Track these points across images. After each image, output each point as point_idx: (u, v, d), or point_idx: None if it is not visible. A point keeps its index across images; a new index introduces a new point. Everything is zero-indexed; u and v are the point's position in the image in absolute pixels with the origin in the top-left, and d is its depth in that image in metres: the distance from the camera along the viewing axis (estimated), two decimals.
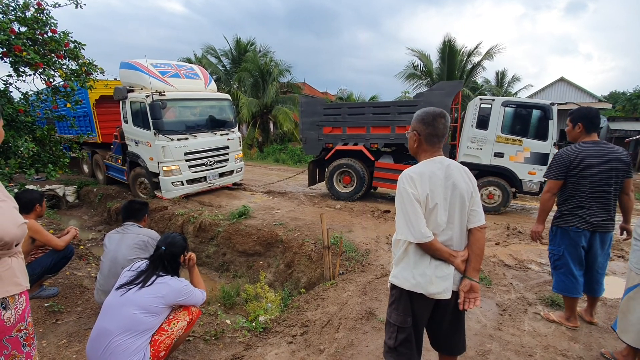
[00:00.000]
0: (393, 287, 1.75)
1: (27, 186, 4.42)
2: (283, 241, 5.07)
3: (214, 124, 7.62)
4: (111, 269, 2.76)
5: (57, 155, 4.45)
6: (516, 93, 18.70)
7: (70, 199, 8.92)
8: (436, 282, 1.61)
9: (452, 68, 15.25)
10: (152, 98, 6.37)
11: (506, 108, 6.37)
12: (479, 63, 15.59)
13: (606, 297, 3.21)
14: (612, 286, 3.37)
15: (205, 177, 7.41)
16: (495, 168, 6.49)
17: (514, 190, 6.58)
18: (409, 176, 1.62)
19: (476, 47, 15.25)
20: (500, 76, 18.38)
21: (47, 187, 8.50)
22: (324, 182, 8.00)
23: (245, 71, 17.57)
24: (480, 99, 6.71)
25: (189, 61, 18.44)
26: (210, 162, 7.42)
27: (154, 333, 2.07)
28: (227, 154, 7.78)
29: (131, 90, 6.98)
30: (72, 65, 4.22)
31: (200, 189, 7.46)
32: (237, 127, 8.18)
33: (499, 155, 6.42)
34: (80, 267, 4.19)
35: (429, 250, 1.61)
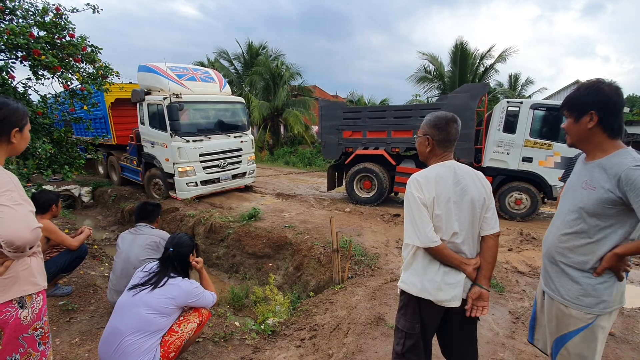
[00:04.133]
0: (402, 292, 1.73)
1: (43, 186, 4.54)
2: (292, 244, 5.07)
3: (228, 126, 7.76)
4: (124, 269, 2.81)
5: (74, 157, 4.56)
6: (530, 96, 18.37)
7: (85, 199, 9.12)
8: (445, 289, 1.58)
9: (464, 71, 15.08)
10: (170, 100, 6.51)
11: (535, 111, 6.17)
12: (491, 66, 15.39)
13: (623, 307, 3.11)
14: (631, 295, 3.26)
15: (218, 179, 7.52)
16: (523, 173, 6.30)
17: (542, 196, 6.38)
18: (416, 180, 1.61)
19: (489, 50, 15.08)
20: (514, 79, 18.10)
21: (63, 187, 8.71)
22: (344, 186, 7.93)
23: (257, 74, 17.73)
24: (508, 102, 6.51)
25: (202, 65, 18.72)
26: (224, 163, 7.54)
27: (165, 334, 2.10)
28: (240, 156, 7.90)
29: (148, 93, 7.15)
30: (89, 68, 4.33)
31: (213, 190, 7.54)
32: (249, 129, 8.33)
33: (527, 160, 6.22)
34: (93, 266, 4.27)
35: (437, 255, 1.58)
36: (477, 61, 15.39)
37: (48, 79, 3.98)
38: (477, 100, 6.44)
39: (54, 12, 3.98)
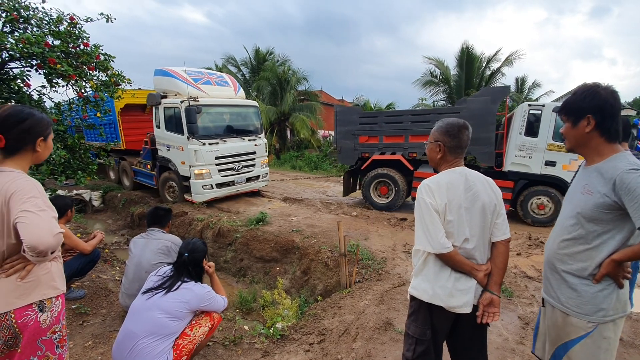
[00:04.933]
0: (412, 298, 1.74)
1: (57, 191, 4.64)
2: (299, 248, 5.10)
3: (243, 130, 7.84)
4: (136, 273, 2.86)
5: (86, 162, 4.65)
6: (537, 99, 18.22)
7: (96, 203, 9.27)
8: (457, 295, 1.59)
9: (470, 75, 15.05)
10: (189, 103, 6.58)
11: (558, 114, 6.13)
12: (498, 69, 15.34)
13: (632, 312, 3.08)
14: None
15: (233, 182, 7.56)
16: (546, 177, 6.21)
17: None
18: (427, 186, 1.62)
19: (495, 54, 15.04)
20: (520, 82, 17.99)
21: (75, 192, 8.86)
22: (360, 192, 7.88)
23: (264, 80, 17.89)
24: (529, 105, 6.41)
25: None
26: (238, 166, 7.58)
27: (177, 337, 2.13)
28: (254, 159, 7.92)
29: (164, 97, 7.22)
30: (102, 76, 4.43)
31: (228, 193, 7.58)
32: (263, 133, 8.38)
33: (550, 164, 6.12)
34: (105, 270, 4.33)
35: (448, 261, 1.59)
36: (484, 65, 15.35)
37: (62, 86, 4.08)
38: (497, 104, 6.37)
39: (68, 21, 4.08)
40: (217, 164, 7.16)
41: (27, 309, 1.45)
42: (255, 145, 7.90)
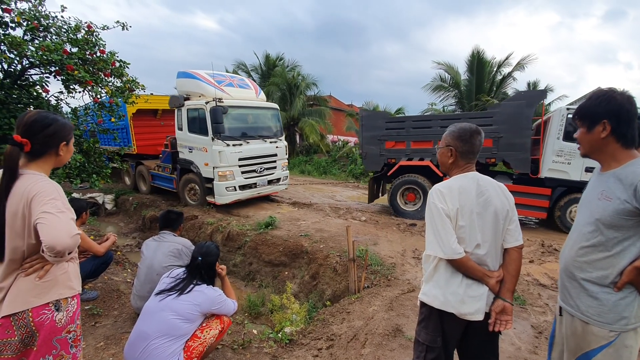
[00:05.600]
0: (422, 304, 1.72)
1: (72, 194, 4.75)
2: (308, 252, 5.10)
3: (264, 132, 7.84)
4: (147, 275, 2.90)
5: (100, 166, 4.76)
6: (549, 104, 17.97)
7: (109, 206, 9.42)
8: (469, 302, 1.57)
9: (481, 80, 14.93)
10: (216, 103, 6.61)
11: None
12: (509, 74, 15.17)
13: None
14: None
15: (255, 184, 7.53)
16: (586, 184, 6.02)
17: None
18: (439, 191, 1.61)
19: (507, 58, 14.89)
20: (532, 87, 17.76)
21: (88, 195, 9.04)
22: (383, 198, 7.74)
23: (274, 85, 18.06)
24: (567, 109, 6.20)
25: None
26: (260, 169, 7.55)
27: (188, 339, 2.16)
28: (275, 161, 7.90)
29: (187, 99, 7.26)
30: (117, 82, 4.55)
31: (250, 196, 7.55)
32: (283, 135, 8.35)
33: (590, 170, 5.87)
34: (117, 272, 4.40)
35: (460, 267, 1.57)
36: (495, 69, 15.22)
37: (79, 92, 4.20)
38: (533, 108, 6.20)
39: (86, 29, 4.21)
40: (240, 166, 7.13)
41: (44, 307, 1.48)
42: (277, 147, 7.89)
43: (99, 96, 4.26)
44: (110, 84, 4.48)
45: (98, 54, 4.22)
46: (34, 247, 1.45)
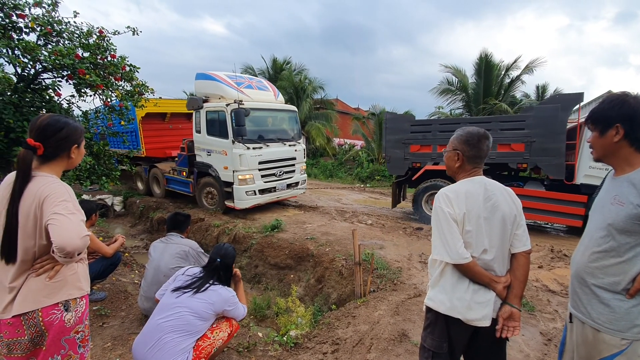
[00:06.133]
0: (429, 310, 1.70)
1: (82, 196, 4.82)
2: (314, 256, 5.09)
3: (283, 134, 7.72)
4: (154, 276, 2.93)
5: (110, 168, 4.84)
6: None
7: (118, 208, 9.54)
8: (475, 307, 1.55)
9: (489, 83, 14.81)
10: (238, 105, 6.47)
11: None
12: (517, 77, 15.02)
13: None
14: None
15: (275, 188, 7.37)
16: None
17: None
18: (445, 195, 1.60)
19: (515, 61, 14.74)
20: (541, 90, 17.58)
21: (98, 196, 9.18)
22: (404, 203, 7.53)
23: (281, 89, 18.13)
24: None
25: None
26: (280, 172, 7.40)
27: (199, 338, 2.20)
28: (293, 164, 7.75)
29: (206, 100, 7.15)
30: (127, 86, 4.63)
31: (269, 200, 7.39)
32: (302, 138, 8.21)
33: None
34: (125, 273, 4.45)
35: (467, 272, 1.56)
36: (503, 72, 15.08)
37: (90, 96, 4.28)
38: (568, 112, 6.05)
39: (98, 34, 4.29)
40: (260, 169, 6.97)
41: (54, 307, 1.51)
42: (295, 150, 7.73)
43: (109, 100, 4.34)
44: (121, 87, 4.56)
45: (109, 58, 4.30)
46: (45, 247, 1.48)
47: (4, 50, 3.78)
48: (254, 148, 6.84)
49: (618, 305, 1.32)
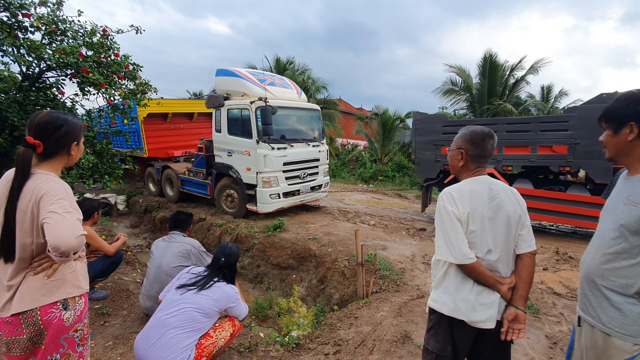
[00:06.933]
0: (432, 311, 1.67)
1: (85, 194, 4.83)
2: (316, 256, 5.07)
3: (307, 135, 7.40)
4: (156, 275, 2.92)
5: (113, 167, 4.84)
6: (564, 108, 17.60)
7: (121, 207, 9.57)
8: (479, 309, 1.52)
9: (494, 83, 14.72)
10: (265, 102, 6.14)
11: None
12: (522, 78, 14.92)
13: None
14: None
15: (299, 191, 6.99)
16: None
17: None
18: (449, 194, 1.57)
19: (519, 62, 14.64)
20: (546, 91, 17.46)
21: (101, 195, 9.21)
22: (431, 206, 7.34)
23: None
24: None
25: None
26: (304, 174, 7.04)
27: (201, 336, 2.20)
28: (317, 166, 7.41)
29: (227, 98, 6.81)
30: (130, 85, 4.63)
31: (292, 204, 7.01)
32: (324, 139, 7.87)
33: None
34: (127, 272, 4.45)
35: (471, 273, 1.53)
36: (507, 73, 14.98)
37: (93, 94, 4.28)
38: None
39: (101, 33, 4.29)
40: (284, 171, 6.62)
41: (52, 306, 1.49)
42: (319, 151, 7.38)
43: (112, 98, 4.34)
44: (124, 86, 4.56)
45: (112, 57, 4.30)
46: (43, 245, 1.47)
47: (10, 49, 3.79)
48: (278, 148, 6.48)
49: (630, 309, 1.27)
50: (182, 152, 9.83)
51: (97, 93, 4.31)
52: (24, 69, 4.04)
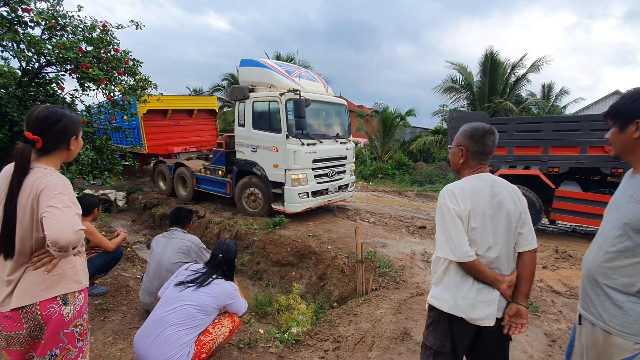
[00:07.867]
0: (431, 308, 1.68)
1: (85, 191, 4.82)
2: (316, 253, 5.07)
3: (335, 130, 7.04)
4: (156, 271, 2.92)
5: (113, 163, 4.84)
6: (565, 107, 17.60)
7: (120, 203, 9.57)
8: (479, 306, 1.52)
9: (495, 81, 14.70)
10: (299, 94, 5.69)
11: None
12: (523, 76, 14.90)
13: None
14: None
15: (327, 190, 6.60)
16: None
17: None
18: (451, 191, 1.57)
19: (521, 59, 14.62)
20: (547, 89, 17.45)
21: (101, 191, 9.20)
22: None
23: None
24: None
25: (232, 77, 19.35)
26: (332, 172, 6.65)
27: (200, 333, 2.20)
28: (344, 164, 7.03)
29: (252, 90, 6.45)
30: (130, 80, 4.61)
31: (320, 204, 6.63)
32: (351, 135, 7.55)
33: None
34: (127, 268, 4.45)
35: (471, 270, 1.53)
36: (508, 71, 14.96)
37: (93, 90, 4.27)
38: None
39: (101, 28, 4.28)
40: (313, 169, 6.22)
41: (52, 301, 1.49)
42: (347, 149, 7.03)
43: (112, 94, 4.33)
44: (124, 82, 4.54)
45: (112, 52, 4.29)
46: (42, 240, 1.46)
47: (10, 45, 3.78)
48: (308, 144, 6.07)
49: (631, 307, 1.26)
50: (182, 149, 9.82)
51: (97, 89, 4.30)
52: (24, 64, 4.03)
